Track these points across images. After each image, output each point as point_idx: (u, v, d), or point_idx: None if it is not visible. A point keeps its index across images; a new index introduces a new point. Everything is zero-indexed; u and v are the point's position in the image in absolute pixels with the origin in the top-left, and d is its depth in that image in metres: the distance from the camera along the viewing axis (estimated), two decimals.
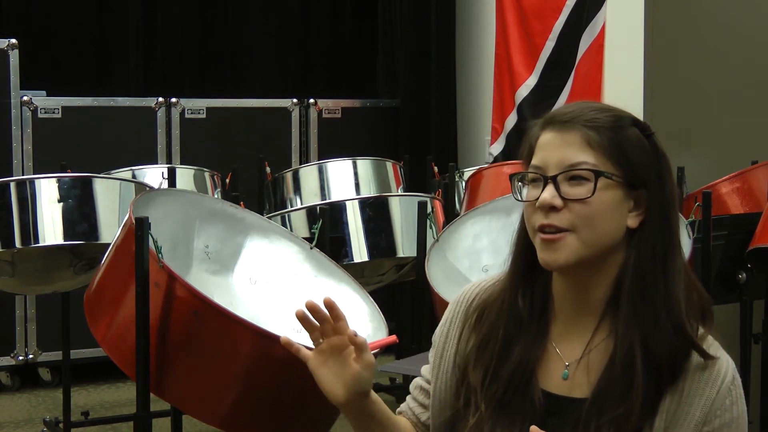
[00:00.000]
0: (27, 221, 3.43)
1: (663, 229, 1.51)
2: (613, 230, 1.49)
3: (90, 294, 2.70)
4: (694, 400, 1.47)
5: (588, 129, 1.49)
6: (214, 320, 2.40)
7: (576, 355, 1.54)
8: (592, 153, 1.48)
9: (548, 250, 1.49)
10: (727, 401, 1.49)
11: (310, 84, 6.52)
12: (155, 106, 5.55)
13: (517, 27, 5.60)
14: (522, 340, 1.55)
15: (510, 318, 1.57)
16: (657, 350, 1.46)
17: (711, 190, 3.36)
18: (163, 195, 3.05)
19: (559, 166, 1.49)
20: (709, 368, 1.48)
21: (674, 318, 1.48)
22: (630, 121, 1.53)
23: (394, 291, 4.77)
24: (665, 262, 1.50)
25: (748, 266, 3.37)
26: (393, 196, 4.00)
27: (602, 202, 1.48)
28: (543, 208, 1.49)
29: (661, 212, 1.51)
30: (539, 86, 5.46)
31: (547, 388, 1.54)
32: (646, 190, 1.50)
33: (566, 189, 1.48)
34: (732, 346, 3.73)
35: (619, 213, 1.50)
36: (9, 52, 5.17)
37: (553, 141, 1.51)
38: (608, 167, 1.48)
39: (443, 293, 3.00)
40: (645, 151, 1.51)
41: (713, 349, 1.50)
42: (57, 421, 4.51)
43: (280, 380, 2.45)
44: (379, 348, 2.64)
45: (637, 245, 1.50)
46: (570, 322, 1.56)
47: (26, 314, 5.28)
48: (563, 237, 1.48)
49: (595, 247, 1.49)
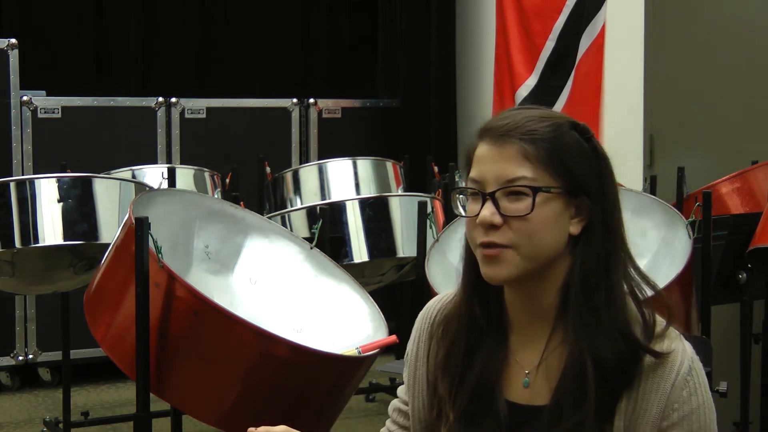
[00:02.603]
0: (27, 221, 3.43)
1: (605, 234, 1.49)
2: (555, 241, 1.49)
3: (90, 294, 2.70)
4: (651, 397, 1.46)
5: (524, 142, 1.47)
6: (214, 320, 2.40)
7: (534, 363, 1.54)
8: (529, 166, 1.47)
9: (489, 266, 1.49)
10: (684, 393, 1.46)
11: (310, 84, 6.52)
12: (155, 106, 5.54)
13: (517, 27, 5.60)
14: (483, 349, 1.56)
15: (469, 328, 1.57)
16: (604, 356, 1.45)
17: (711, 190, 3.36)
18: (163, 195, 3.04)
19: (497, 181, 1.48)
20: (662, 364, 1.47)
21: (619, 322, 1.47)
22: (568, 126, 1.51)
23: (394, 291, 4.78)
24: (608, 266, 1.49)
25: (748, 266, 3.37)
26: (393, 196, 4.00)
27: (542, 216, 1.47)
28: (483, 226, 1.48)
29: (602, 217, 1.50)
30: (539, 86, 5.46)
31: (511, 397, 1.55)
32: (587, 197, 1.49)
33: (505, 205, 1.47)
34: (732, 346, 3.75)
35: (561, 223, 1.49)
36: (9, 52, 5.17)
37: (489, 154, 1.49)
38: (547, 180, 1.47)
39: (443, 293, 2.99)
40: (585, 156, 1.50)
41: (669, 342, 1.49)
42: (57, 421, 4.51)
43: (280, 380, 2.45)
44: (379, 348, 2.65)
45: (581, 252, 1.49)
46: (526, 330, 1.56)
47: (26, 314, 5.28)
48: (504, 252, 1.48)
49: (536, 260, 1.48)
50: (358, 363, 2.60)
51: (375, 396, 5.17)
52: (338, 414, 2.65)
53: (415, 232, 3.40)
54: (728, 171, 3.88)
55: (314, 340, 2.73)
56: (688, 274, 2.81)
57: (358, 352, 2.59)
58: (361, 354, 2.59)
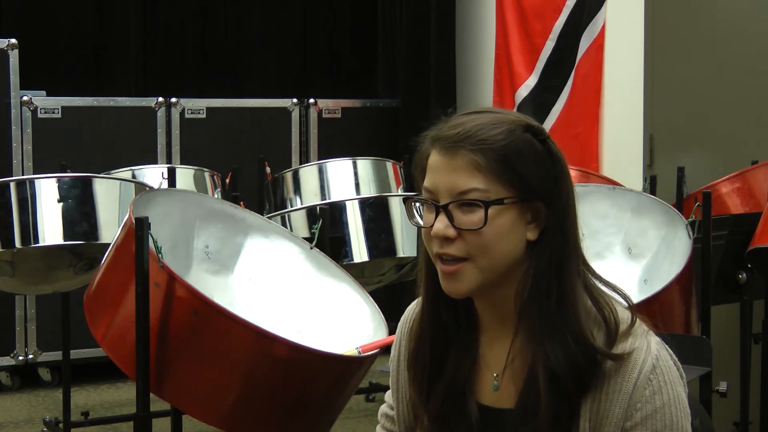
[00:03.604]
0: (27, 221, 3.43)
1: (558, 239, 1.47)
2: (511, 250, 1.47)
3: (90, 294, 2.70)
4: (614, 398, 1.44)
5: (474, 153, 1.44)
6: (214, 320, 2.40)
7: (502, 365, 1.53)
8: (481, 177, 1.44)
9: (449, 281, 1.48)
10: (646, 392, 1.43)
11: (310, 84, 6.52)
12: (155, 106, 5.55)
13: (517, 27, 5.60)
14: (453, 352, 1.54)
15: (435, 331, 1.55)
16: (557, 364, 1.43)
17: (711, 190, 3.36)
18: (163, 195, 3.04)
19: (450, 193, 1.46)
20: (624, 363, 1.44)
21: (572, 328, 1.44)
22: (522, 129, 1.47)
23: (394, 291, 4.78)
24: (560, 271, 1.46)
25: (748, 266, 3.37)
26: (393, 196, 4.00)
27: (496, 228, 1.44)
28: (437, 238, 1.47)
29: (557, 220, 1.47)
30: (539, 86, 5.46)
31: (481, 400, 1.54)
32: (542, 202, 1.47)
33: (459, 217, 1.45)
34: (732, 346, 3.75)
35: (516, 232, 1.46)
36: (9, 52, 5.17)
37: (441, 165, 1.47)
38: (499, 190, 1.44)
39: None
40: (539, 160, 1.47)
41: (633, 339, 1.45)
42: (57, 421, 4.51)
43: (280, 380, 2.45)
44: (379, 348, 2.65)
45: (536, 257, 1.47)
46: (493, 333, 1.54)
47: (26, 314, 5.28)
48: (461, 267, 1.46)
49: (494, 270, 1.47)
50: (358, 363, 2.60)
51: (375, 396, 5.17)
52: (338, 414, 2.65)
53: (415, 232, 3.40)
54: (728, 171, 3.87)
55: (314, 340, 2.73)
56: (688, 274, 2.81)
57: (358, 352, 2.59)
58: (361, 354, 2.59)
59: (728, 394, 2.83)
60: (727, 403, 3.18)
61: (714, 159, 4.46)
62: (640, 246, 3.07)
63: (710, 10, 4.65)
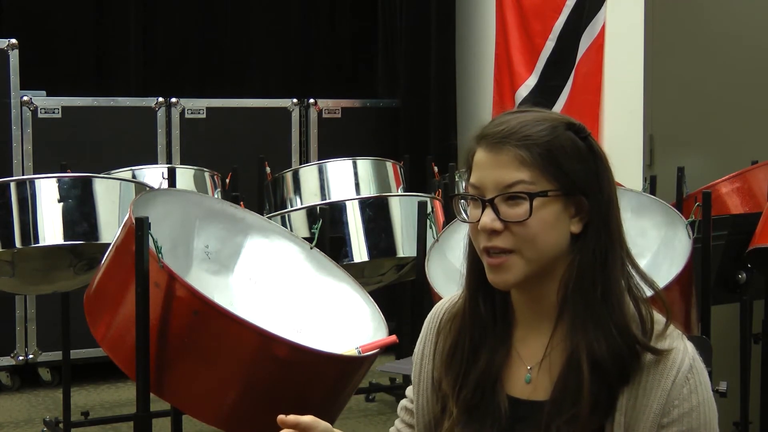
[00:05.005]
0: (27, 221, 3.44)
1: (602, 232, 1.52)
2: (556, 242, 1.51)
3: (90, 294, 2.70)
4: (651, 393, 1.48)
5: (519, 148, 1.50)
6: (214, 320, 2.40)
7: (537, 359, 1.56)
8: (526, 171, 1.49)
9: (495, 273, 1.52)
10: (684, 390, 1.48)
11: (310, 84, 6.52)
12: (155, 106, 5.55)
13: (517, 27, 5.61)
14: (488, 345, 1.58)
15: (474, 325, 1.60)
16: (600, 352, 1.47)
17: (711, 190, 3.36)
18: (163, 195, 3.05)
19: (496, 187, 1.50)
20: (663, 360, 1.49)
21: (616, 319, 1.49)
22: (564, 127, 1.53)
23: (394, 291, 4.78)
24: (605, 263, 1.51)
25: (748, 266, 3.37)
26: (393, 196, 4.00)
27: (541, 220, 1.49)
28: (485, 231, 1.51)
29: (600, 214, 1.52)
30: (539, 86, 5.46)
31: (512, 392, 1.57)
32: (585, 196, 1.51)
33: (505, 210, 1.50)
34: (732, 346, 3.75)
35: (561, 225, 1.51)
36: (9, 52, 5.17)
37: (487, 161, 1.52)
38: (543, 183, 1.49)
39: (443, 293, 2.99)
40: (581, 156, 1.52)
41: (670, 340, 1.51)
42: (57, 421, 4.51)
43: (280, 380, 2.45)
44: (379, 348, 2.65)
45: (580, 249, 1.52)
46: (530, 326, 1.58)
47: (26, 314, 5.28)
48: (508, 259, 1.51)
49: (540, 261, 1.51)
50: (358, 363, 2.60)
51: (375, 396, 5.17)
52: (338, 414, 2.65)
53: (415, 232, 3.40)
54: (728, 171, 3.87)
55: (314, 340, 2.73)
56: (688, 274, 2.81)
57: (358, 352, 2.59)
58: (361, 354, 2.59)
59: (728, 394, 2.83)
60: (727, 403, 3.18)
61: (714, 159, 4.46)
62: (640, 246, 3.07)
63: (710, 10, 4.65)
